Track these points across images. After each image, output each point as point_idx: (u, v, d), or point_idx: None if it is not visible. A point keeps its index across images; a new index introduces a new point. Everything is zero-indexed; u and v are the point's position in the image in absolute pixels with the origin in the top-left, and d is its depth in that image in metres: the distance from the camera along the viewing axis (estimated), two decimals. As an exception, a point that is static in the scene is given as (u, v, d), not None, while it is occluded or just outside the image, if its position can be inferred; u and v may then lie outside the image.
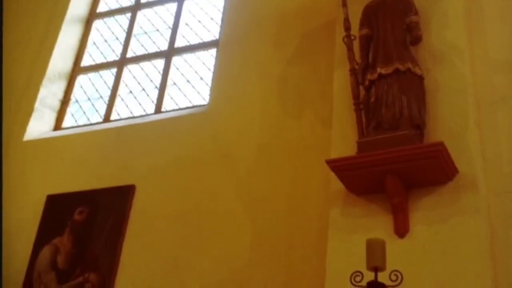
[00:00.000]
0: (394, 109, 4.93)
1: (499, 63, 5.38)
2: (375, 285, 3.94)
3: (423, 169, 4.70)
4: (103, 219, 6.88)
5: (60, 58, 8.78)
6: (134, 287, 6.36)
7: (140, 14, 8.98)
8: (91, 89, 8.64)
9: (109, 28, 9.14)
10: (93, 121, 8.28)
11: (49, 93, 8.50)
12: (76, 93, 8.71)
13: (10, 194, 7.42)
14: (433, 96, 5.13)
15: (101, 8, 9.43)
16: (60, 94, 8.62)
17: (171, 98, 7.83)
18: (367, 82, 5.24)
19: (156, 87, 8.00)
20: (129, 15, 9.07)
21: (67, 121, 8.49)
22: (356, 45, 5.53)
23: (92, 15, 9.34)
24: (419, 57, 5.30)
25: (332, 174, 5.11)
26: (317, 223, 5.61)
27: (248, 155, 6.50)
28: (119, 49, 8.75)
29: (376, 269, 3.94)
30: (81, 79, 8.82)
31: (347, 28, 5.55)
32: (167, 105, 7.77)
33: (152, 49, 8.47)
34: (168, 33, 8.44)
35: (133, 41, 8.73)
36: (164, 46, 8.36)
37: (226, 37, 7.61)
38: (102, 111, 8.26)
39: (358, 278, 3.98)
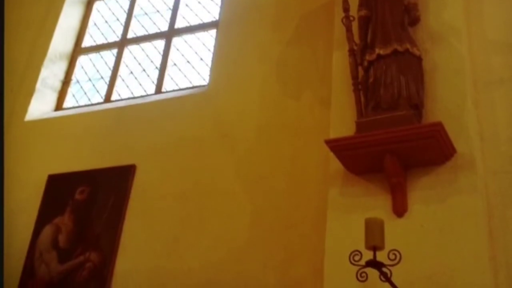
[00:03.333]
0: (393, 89, 4.94)
1: (496, 44, 5.38)
2: (373, 264, 3.98)
3: (421, 149, 4.72)
4: (104, 199, 6.92)
5: (61, 39, 8.80)
6: (135, 266, 6.39)
7: (140, -5, 8.98)
8: (92, 70, 8.66)
9: (109, 9, 9.13)
10: (94, 101, 8.30)
11: (50, 73, 8.52)
12: (77, 73, 8.73)
13: (11, 174, 7.41)
14: (431, 77, 5.14)
15: (102, -11, 9.44)
16: (61, 75, 8.63)
17: (171, 78, 7.84)
18: (365, 63, 5.23)
19: (156, 67, 8.01)
20: (129, -4, 9.07)
21: (68, 102, 8.51)
22: (354, 26, 5.53)
23: (93, -4, 9.35)
24: (417, 38, 5.30)
25: (331, 154, 5.13)
26: (316, 203, 5.64)
27: (248, 135, 6.52)
28: (119, 30, 8.76)
29: (374, 248, 3.98)
30: (82, 60, 8.83)
31: (346, 9, 5.54)
32: (167, 85, 7.79)
33: (153, 30, 8.47)
34: (168, 14, 8.44)
35: (133, 22, 8.73)
36: (164, 27, 8.36)
37: (226, 18, 7.61)
38: (103, 92, 8.27)
39: (357, 257, 4.02)
